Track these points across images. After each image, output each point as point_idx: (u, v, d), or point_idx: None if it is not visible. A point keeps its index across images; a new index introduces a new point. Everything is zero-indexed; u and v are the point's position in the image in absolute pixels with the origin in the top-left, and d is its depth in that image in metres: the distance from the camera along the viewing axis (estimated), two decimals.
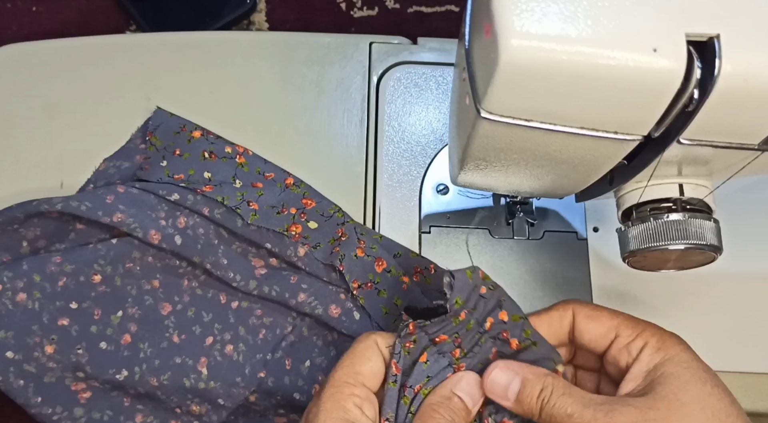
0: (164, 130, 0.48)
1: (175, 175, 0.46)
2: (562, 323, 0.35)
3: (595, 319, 0.35)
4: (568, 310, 0.35)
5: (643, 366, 0.33)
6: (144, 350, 0.43)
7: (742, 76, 0.26)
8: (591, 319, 0.35)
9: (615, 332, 0.34)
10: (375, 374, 0.34)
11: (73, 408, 0.42)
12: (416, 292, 0.45)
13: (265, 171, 0.48)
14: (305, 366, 0.44)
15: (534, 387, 0.33)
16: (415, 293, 0.45)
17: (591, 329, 0.35)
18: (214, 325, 0.45)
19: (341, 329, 0.44)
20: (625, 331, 0.34)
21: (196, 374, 0.43)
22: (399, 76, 0.53)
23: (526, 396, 0.33)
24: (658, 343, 0.33)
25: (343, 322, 0.44)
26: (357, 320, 0.44)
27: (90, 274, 0.43)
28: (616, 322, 0.34)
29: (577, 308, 0.35)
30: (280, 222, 0.46)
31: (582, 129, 0.29)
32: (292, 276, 0.45)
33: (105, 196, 0.43)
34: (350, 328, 0.44)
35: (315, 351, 0.45)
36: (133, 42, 0.54)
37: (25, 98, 0.51)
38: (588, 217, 0.49)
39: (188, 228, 0.44)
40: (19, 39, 0.53)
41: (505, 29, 0.26)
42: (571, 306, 0.36)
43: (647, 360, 0.33)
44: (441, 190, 0.50)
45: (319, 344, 0.45)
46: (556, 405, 0.32)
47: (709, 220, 0.34)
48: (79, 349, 0.41)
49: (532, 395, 0.33)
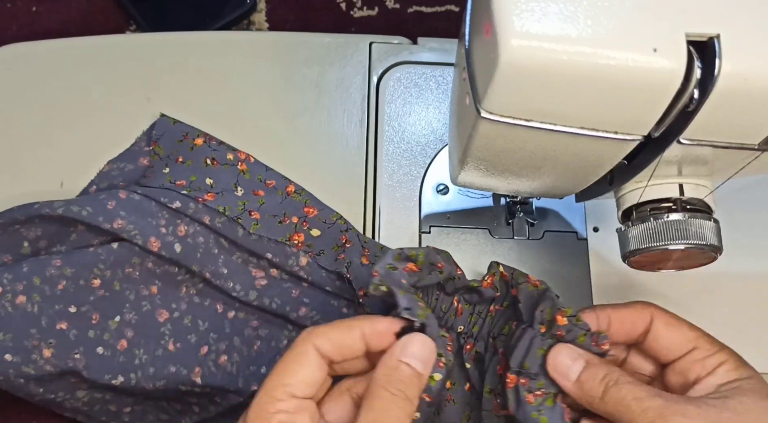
0: (167, 138, 0.49)
1: (177, 182, 0.46)
2: (636, 324, 0.35)
3: (674, 328, 0.35)
4: (647, 313, 0.35)
5: (718, 379, 0.32)
6: (139, 357, 0.43)
7: (742, 76, 0.26)
8: (671, 327, 0.35)
9: (693, 344, 0.34)
10: (309, 383, 0.31)
11: (75, 391, 0.42)
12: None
13: (267, 178, 0.48)
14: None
15: (599, 369, 0.32)
16: None
17: (669, 336, 0.34)
18: (210, 335, 0.45)
19: None
20: (705, 344, 0.34)
21: (190, 383, 0.43)
22: (399, 76, 0.53)
23: (589, 377, 0.32)
24: (736, 364, 0.33)
25: None
26: None
27: (89, 278, 0.43)
28: (696, 334, 0.34)
29: (656, 313, 0.35)
30: (283, 231, 0.46)
31: (582, 129, 0.29)
32: (294, 289, 0.45)
33: (106, 201, 0.43)
34: None
35: None
36: (133, 42, 0.54)
37: (25, 98, 0.51)
38: (588, 217, 0.49)
39: (188, 236, 0.44)
40: (19, 39, 0.53)
41: (505, 29, 0.26)
42: (650, 310, 0.35)
43: (723, 375, 0.32)
44: (441, 190, 0.50)
45: None
46: (623, 388, 0.31)
47: (709, 220, 0.34)
48: (76, 353, 0.41)
49: (596, 376, 0.32)
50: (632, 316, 0.35)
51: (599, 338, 0.34)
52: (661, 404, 0.30)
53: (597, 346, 0.34)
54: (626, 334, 0.35)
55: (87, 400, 0.43)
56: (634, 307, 0.36)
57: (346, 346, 0.33)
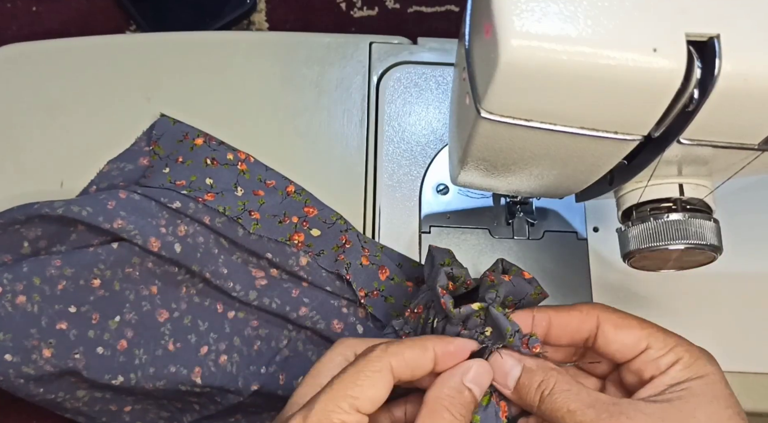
0: (167, 138, 0.49)
1: (177, 182, 0.46)
2: (581, 327, 0.34)
3: (624, 329, 0.33)
4: (593, 316, 0.34)
5: (669, 379, 0.31)
6: (139, 357, 0.43)
7: (742, 76, 0.26)
8: (620, 329, 0.33)
9: (646, 343, 0.33)
10: (375, 401, 0.30)
11: (75, 391, 0.42)
12: None
13: (267, 178, 0.48)
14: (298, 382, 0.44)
15: (534, 376, 0.32)
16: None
17: (620, 338, 0.33)
18: (210, 335, 0.45)
19: None
20: (656, 343, 0.32)
21: (190, 383, 0.43)
22: (399, 76, 0.53)
23: (525, 385, 0.32)
24: (690, 360, 0.32)
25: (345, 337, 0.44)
26: (360, 334, 0.44)
27: (89, 278, 0.43)
28: (647, 332, 0.33)
29: (603, 316, 0.34)
30: (283, 231, 0.46)
31: (582, 129, 0.29)
32: (294, 289, 0.45)
33: (106, 201, 0.43)
34: None
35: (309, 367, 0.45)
36: (133, 42, 0.54)
37: (25, 98, 0.51)
38: (588, 217, 0.49)
39: (188, 236, 0.44)
40: (19, 39, 0.53)
41: (505, 29, 0.26)
42: (596, 312, 0.34)
43: (674, 375, 0.31)
44: (441, 190, 0.50)
45: (313, 360, 0.45)
46: (558, 399, 0.31)
47: (709, 220, 0.34)
48: (76, 353, 0.41)
49: (531, 385, 0.32)
50: (575, 320, 0.34)
51: (530, 341, 0.33)
52: (593, 417, 0.30)
53: (527, 348, 0.33)
54: (569, 337, 0.34)
55: (87, 400, 0.43)
56: (579, 309, 0.34)
57: (419, 367, 0.32)
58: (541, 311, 0.34)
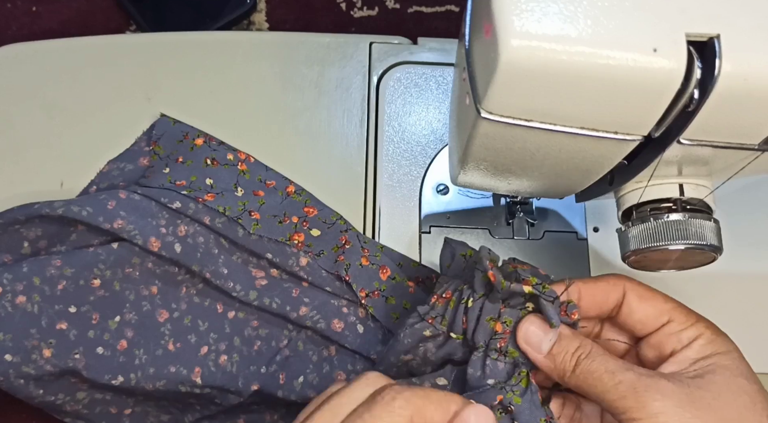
0: (167, 138, 0.49)
1: (177, 182, 0.46)
2: (608, 297, 0.34)
3: (648, 300, 0.33)
4: (619, 286, 0.34)
5: (693, 353, 0.32)
6: (139, 357, 0.43)
7: (742, 76, 0.26)
8: (644, 300, 0.33)
9: (668, 317, 0.33)
10: None
11: (75, 393, 0.42)
12: (423, 295, 0.45)
13: (267, 179, 0.48)
14: (298, 382, 0.44)
15: (572, 341, 0.32)
16: (422, 297, 0.45)
17: (643, 309, 0.33)
18: (210, 335, 0.45)
19: (344, 344, 0.44)
20: (680, 317, 0.33)
21: (190, 384, 0.43)
22: (399, 76, 0.53)
23: (562, 350, 0.32)
24: (712, 336, 0.32)
25: (346, 337, 0.44)
26: (360, 334, 0.44)
27: (89, 278, 0.43)
28: (670, 306, 0.33)
29: (629, 286, 0.34)
30: (283, 231, 0.46)
31: (582, 129, 0.29)
32: (294, 289, 0.45)
33: (107, 201, 0.43)
34: (354, 342, 0.44)
35: (309, 367, 0.45)
36: (133, 42, 0.54)
37: (25, 98, 0.51)
38: (588, 217, 0.49)
39: (188, 236, 0.44)
40: (19, 39, 0.53)
41: (505, 29, 0.26)
42: (623, 282, 0.34)
43: (699, 349, 0.32)
44: (441, 190, 0.50)
45: (314, 360, 0.45)
46: (595, 361, 0.31)
47: (709, 220, 0.34)
48: (76, 353, 0.41)
49: (568, 349, 0.31)
50: (604, 290, 0.34)
51: (568, 308, 0.33)
52: (633, 378, 0.30)
53: (566, 315, 0.33)
54: (598, 307, 0.34)
55: (87, 402, 0.43)
56: (606, 279, 0.34)
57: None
58: (571, 283, 0.34)
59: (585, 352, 0.31)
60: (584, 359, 0.31)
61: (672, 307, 0.33)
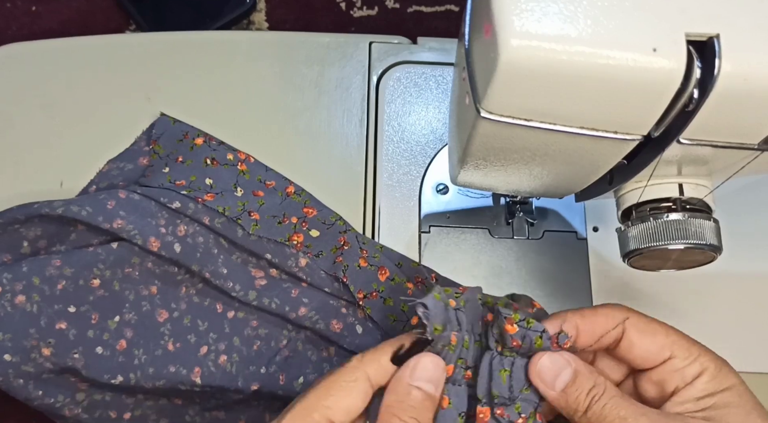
0: (167, 138, 0.49)
1: (177, 181, 0.46)
2: (608, 332, 0.33)
3: (649, 336, 0.32)
4: (618, 319, 0.32)
5: (697, 392, 0.31)
6: (138, 357, 0.43)
7: (742, 76, 0.26)
8: (645, 335, 0.32)
9: (670, 352, 0.32)
10: (350, 412, 0.30)
11: (74, 394, 0.42)
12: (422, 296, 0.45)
13: (266, 179, 0.48)
14: (298, 382, 0.44)
15: (587, 381, 0.31)
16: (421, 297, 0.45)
17: (644, 345, 0.32)
18: (209, 335, 0.45)
19: (343, 344, 0.44)
20: (682, 352, 0.32)
21: (189, 383, 0.43)
22: (399, 76, 0.53)
23: (576, 389, 0.31)
24: (715, 371, 0.31)
25: (345, 337, 0.44)
26: (359, 334, 0.44)
27: (89, 278, 0.43)
28: (672, 340, 0.32)
29: (630, 321, 0.32)
30: (282, 232, 0.46)
31: (582, 129, 0.29)
32: (293, 289, 0.45)
33: (106, 201, 0.43)
34: (352, 342, 0.44)
35: (309, 367, 0.45)
36: (133, 42, 0.54)
37: (25, 98, 0.51)
38: (588, 217, 0.49)
39: (188, 236, 0.44)
40: (19, 39, 0.53)
41: (505, 29, 0.26)
42: (621, 316, 0.33)
43: (702, 387, 0.31)
44: (441, 190, 0.50)
45: (313, 360, 0.45)
46: (609, 405, 0.30)
47: (709, 219, 0.34)
48: (75, 353, 0.41)
49: (583, 389, 0.31)
50: (603, 325, 0.33)
51: (560, 338, 0.32)
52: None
53: (558, 347, 0.32)
54: (597, 343, 0.33)
55: (87, 405, 0.42)
56: (605, 313, 0.33)
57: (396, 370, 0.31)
58: (568, 318, 0.33)
59: (599, 392, 0.30)
60: (596, 402, 0.30)
61: (673, 340, 0.32)
